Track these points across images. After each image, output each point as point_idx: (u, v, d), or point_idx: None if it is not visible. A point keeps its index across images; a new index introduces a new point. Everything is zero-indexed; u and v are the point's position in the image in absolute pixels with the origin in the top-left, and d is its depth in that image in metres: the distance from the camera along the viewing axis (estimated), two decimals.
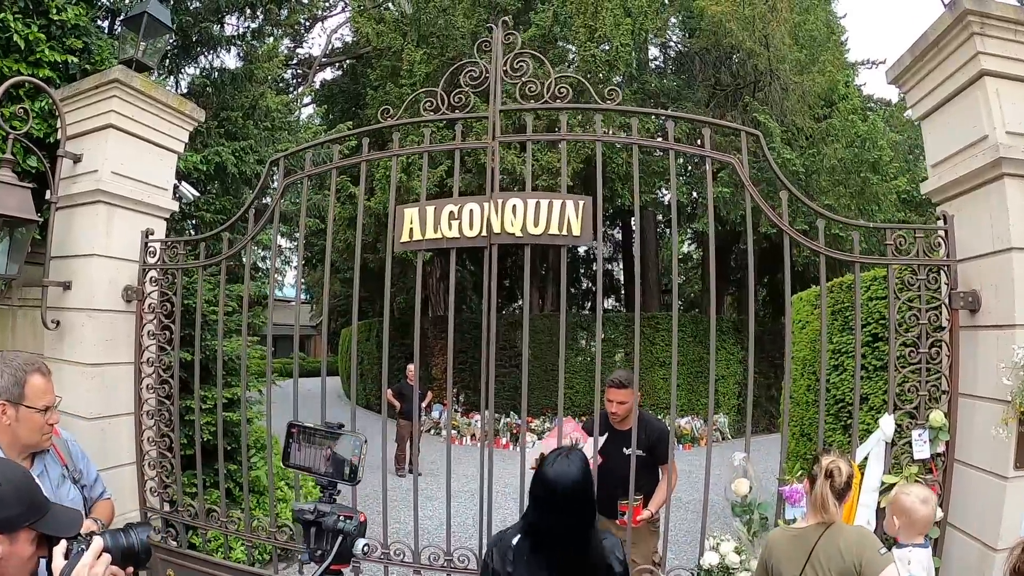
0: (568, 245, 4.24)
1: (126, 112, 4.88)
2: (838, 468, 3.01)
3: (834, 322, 5.78)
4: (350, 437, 2.43)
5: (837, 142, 14.95)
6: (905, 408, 3.86)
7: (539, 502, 2.68)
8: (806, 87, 15.73)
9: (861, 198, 14.70)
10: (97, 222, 4.86)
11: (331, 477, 2.43)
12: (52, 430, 2.78)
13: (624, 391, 4.76)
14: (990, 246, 3.61)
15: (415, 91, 14.49)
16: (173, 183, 5.46)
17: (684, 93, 17.11)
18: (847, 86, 18.12)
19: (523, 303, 4.47)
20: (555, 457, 2.71)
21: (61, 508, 2.03)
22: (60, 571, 1.77)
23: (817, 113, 16.56)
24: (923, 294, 3.84)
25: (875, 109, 18.51)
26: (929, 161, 4.19)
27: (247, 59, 9.53)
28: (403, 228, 4.28)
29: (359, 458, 2.39)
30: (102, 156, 4.85)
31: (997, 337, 3.55)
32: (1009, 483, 3.44)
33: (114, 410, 4.92)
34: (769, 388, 16.44)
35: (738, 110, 16.34)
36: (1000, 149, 3.51)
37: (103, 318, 4.87)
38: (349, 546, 2.31)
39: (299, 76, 21.25)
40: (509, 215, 4.05)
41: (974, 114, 3.71)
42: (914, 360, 3.86)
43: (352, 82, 21.56)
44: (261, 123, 9.20)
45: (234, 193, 8.76)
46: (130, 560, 2.04)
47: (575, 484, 2.61)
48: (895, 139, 16.04)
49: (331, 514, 2.32)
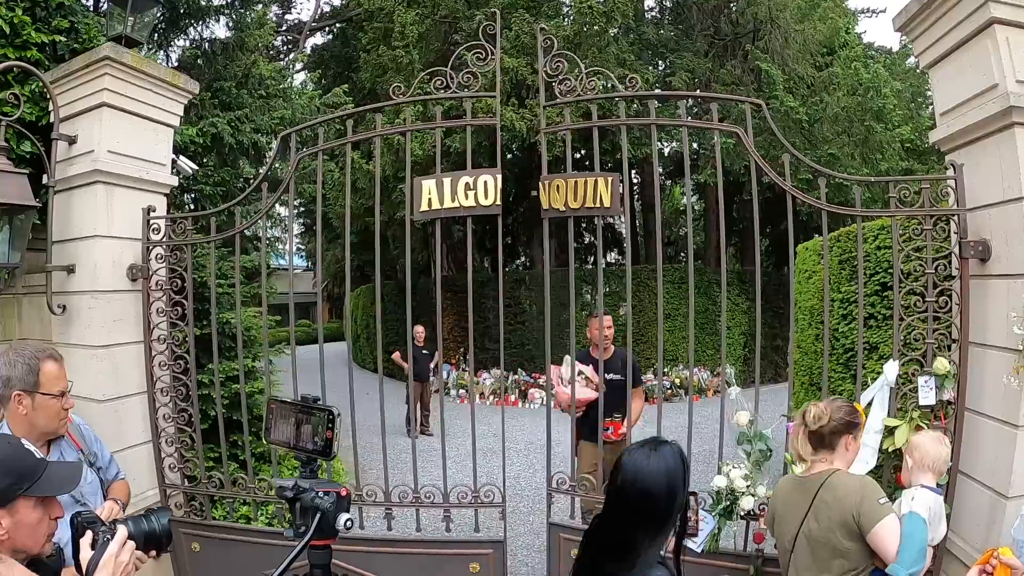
0: (601, 215, 4.77)
1: (119, 89, 4.79)
2: (810, 411, 3.05)
3: (842, 271, 5.77)
4: (323, 411, 2.40)
5: (840, 90, 14.82)
6: (912, 356, 3.91)
7: (608, 496, 2.33)
8: (807, 35, 15.56)
9: (865, 147, 14.60)
10: (97, 202, 4.80)
11: (308, 452, 2.42)
12: (67, 415, 2.80)
13: (608, 318, 5.65)
14: (1000, 195, 3.59)
15: (409, 53, 14.41)
16: (171, 158, 5.40)
17: (683, 43, 16.93)
18: (848, 33, 17.89)
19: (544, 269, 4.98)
20: (637, 447, 2.32)
21: (57, 465, 2.12)
22: (88, 561, 1.83)
23: (819, 62, 16.38)
24: (930, 244, 3.86)
25: (876, 58, 18.25)
26: (938, 110, 4.15)
27: (237, 28, 9.39)
28: (421, 198, 4.62)
29: (333, 432, 2.36)
30: (97, 135, 4.78)
31: (1008, 286, 3.54)
32: (1020, 431, 3.46)
33: (126, 391, 4.92)
34: (775, 338, 16.45)
35: (738, 59, 16.18)
36: (1011, 98, 3.45)
37: (109, 299, 4.83)
38: (331, 521, 2.26)
39: (289, 43, 21.01)
40: (555, 193, 4.60)
41: (984, 63, 3.64)
42: (921, 309, 3.89)
43: (343, 46, 21.37)
44: (255, 92, 9.10)
45: (232, 164, 8.70)
46: (153, 544, 2.17)
47: (650, 486, 2.20)
48: (897, 87, 15.87)
49: (309, 491, 2.28)
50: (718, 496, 4.13)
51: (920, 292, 3.91)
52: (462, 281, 8.62)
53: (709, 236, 20.35)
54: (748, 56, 15.55)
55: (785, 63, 15.34)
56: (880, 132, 14.53)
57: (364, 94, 16.29)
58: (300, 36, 20.71)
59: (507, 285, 17.65)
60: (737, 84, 15.43)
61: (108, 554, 1.83)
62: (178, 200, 7.90)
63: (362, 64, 16.71)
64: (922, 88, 16.40)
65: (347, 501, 2.35)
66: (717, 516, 4.11)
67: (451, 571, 4.70)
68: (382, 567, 4.67)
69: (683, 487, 2.25)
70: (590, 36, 14.02)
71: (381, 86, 15.41)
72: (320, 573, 2.38)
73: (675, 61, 16.50)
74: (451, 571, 4.70)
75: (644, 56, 16.75)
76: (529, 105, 14.03)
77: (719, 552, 4.25)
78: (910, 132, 15.47)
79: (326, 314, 30.23)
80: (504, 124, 13.25)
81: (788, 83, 15.19)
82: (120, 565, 1.85)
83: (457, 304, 17.05)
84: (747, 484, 4.04)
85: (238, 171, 8.69)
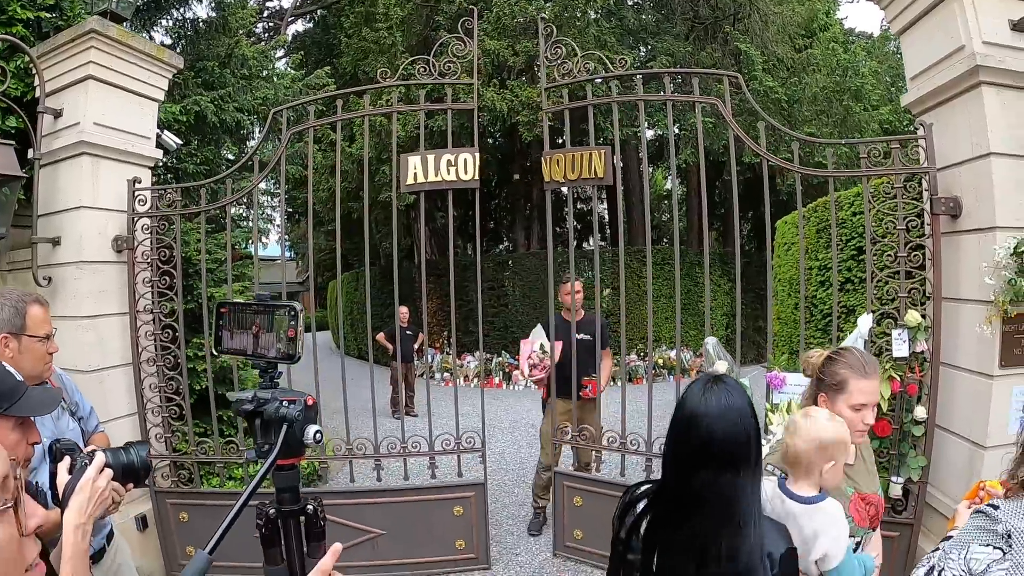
0: (596, 185, 5.21)
1: (105, 63, 4.83)
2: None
3: (819, 240, 5.89)
4: (284, 308, 2.12)
5: (818, 71, 14.92)
6: (886, 310, 4.06)
7: (681, 453, 1.83)
8: (786, 16, 15.65)
9: (843, 127, 14.71)
10: (82, 174, 4.84)
11: (271, 359, 2.15)
12: (51, 361, 2.81)
13: (579, 282, 5.93)
14: (969, 152, 3.71)
15: (391, 35, 14.40)
16: (155, 132, 5.43)
17: (663, 27, 16.94)
18: (828, 16, 18.01)
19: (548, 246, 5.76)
20: (703, 387, 1.84)
21: (37, 390, 2.06)
22: (65, 485, 1.84)
23: (798, 43, 16.48)
24: (901, 202, 4.01)
25: (857, 42, 18.40)
26: (908, 74, 4.27)
27: (219, 8, 9.35)
28: (407, 173, 5.10)
29: (296, 331, 2.08)
30: (83, 108, 4.81)
31: (979, 240, 3.67)
32: (995, 381, 3.59)
33: (111, 362, 4.97)
34: (756, 319, 16.58)
35: (718, 43, 16.24)
36: (977, 58, 3.59)
37: (94, 270, 4.87)
38: (298, 435, 1.99)
39: (271, 29, 20.88)
40: (555, 166, 5.14)
41: (951, 26, 3.76)
42: (893, 265, 4.03)
43: (324, 33, 21.25)
44: (238, 72, 9.06)
45: (215, 143, 8.69)
46: (130, 476, 2.12)
47: (738, 425, 1.77)
48: (876, 68, 16.02)
49: (272, 400, 2.01)
50: None
51: (893, 250, 4.03)
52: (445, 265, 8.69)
53: (691, 220, 20.45)
54: (728, 39, 15.62)
55: (764, 45, 15.43)
56: (859, 112, 14.67)
57: (346, 79, 16.22)
58: (282, 23, 20.62)
59: (490, 268, 17.74)
60: (717, 66, 15.47)
61: (85, 478, 1.83)
62: (162, 179, 7.89)
63: (344, 48, 16.62)
64: (901, 70, 16.52)
65: (315, 411, 2.12)
66: None
67: (438, 517, 5.15)
68: (372, 518, 5.10)
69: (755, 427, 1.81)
70: (571, 19, 14.06)
71: (363, 70, 15.42)
72: (288, 497, 2.10)
73: (656, 45, 16.53)
74: (438, 517, 5.15)
75: (625, 41, 16.76)
76: (510, 86, 14.09)
77: None
78: (889, 113, 15.63)
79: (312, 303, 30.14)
80: (485, 104, 13.50)
81: (767, 64, 15.29)
82: (97, 490, 1.84)
83: (441, 287, 17.04)
84: None
85: (221, 149, 8.68)
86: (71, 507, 1.78)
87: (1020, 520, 1.84)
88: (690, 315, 16.68)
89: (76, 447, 2.07)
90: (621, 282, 5.27)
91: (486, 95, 13.49)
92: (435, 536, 5.15)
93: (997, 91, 3.64)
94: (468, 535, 5.23)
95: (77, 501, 1.79)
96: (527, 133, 14.18)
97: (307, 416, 2.02)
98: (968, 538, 1.92)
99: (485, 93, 13.47)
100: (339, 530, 4.97)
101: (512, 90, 14.01)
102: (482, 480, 5.25)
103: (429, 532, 5.14)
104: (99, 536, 2.79)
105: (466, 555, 5.25)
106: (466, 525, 5.22)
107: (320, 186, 14.40)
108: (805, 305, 4.65)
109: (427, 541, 5.14)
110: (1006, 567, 1.82)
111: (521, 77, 14.86)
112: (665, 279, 16.41)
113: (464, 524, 5.21)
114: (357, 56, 15.82)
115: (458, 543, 5.21)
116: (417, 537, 5.12)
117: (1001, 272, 3.42)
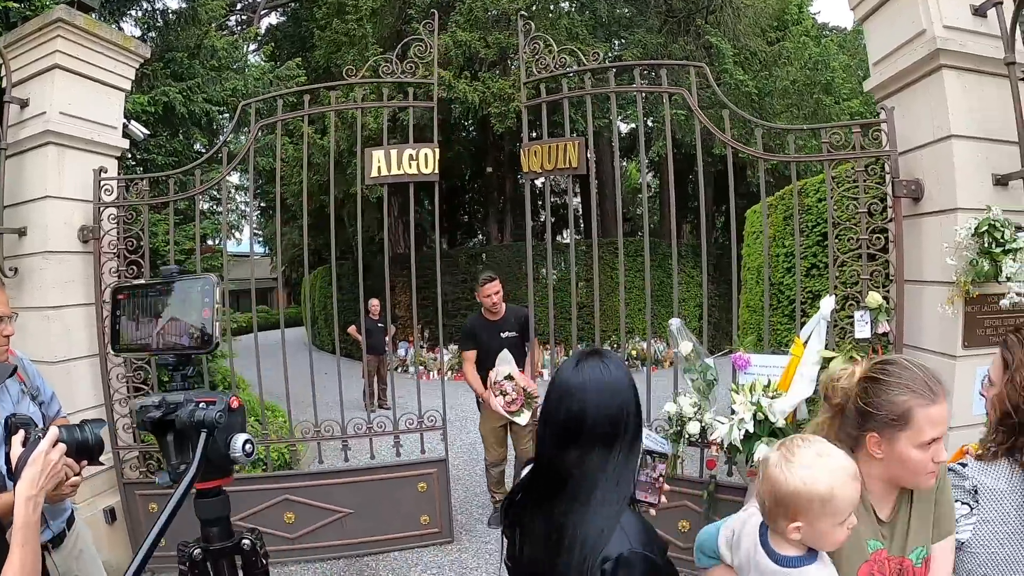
0: (571, 175, 5.37)
1: (71, 52, 4.79)
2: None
3: (786, 227, 5.94)
4: (198, 282, 1.74)
5: (790, 64, 15.04)
6: (848, 292, 4.14)
7: (553, 428, 1.68)
8: (758, 9, 15.75)
9: (814, 119, 14.81)
10: (48, 163, 4.79)
11: (182, 350, 1.75)
12: (8, 344, 2.76)
13: (497, 283, 5.97)
14: (930, 136, 3.77)
15: (362, 27, 14.35)
16: (122, 121, 5.39)
17: (636, 20, 17.00)
18: (800, 11, 18.16)
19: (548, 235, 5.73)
20: (577, 360, 1.71)
21: None
22: (18, 457, 1.81)
23: (770, 37, 16.61)
24: (862, 185, 4.08)
25: (830, 36, 18.58)
26: (871, 59, 4.34)
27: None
28: (371, 166, 5.30)
29: (212, 310, 1.69)
30: (49, 97, 4.77)
31: (940, 222, 3.73)
32: (958, 362, 3.65)
33: (78, 352, 4.93)
34: (729, 311, 16.64)
35: (691, 36, 16.31)
36: (938, 42, 3.65)
37: (60, 259, 4.84)
38: (222, 447, 1.63)
39: (244, 22, 20.76)
40: (533, 157, 5.27)
41: (912, 11, 3.82)
42: (856, 248, 4.10)
43: (296, 26, 21.13)
44: (207, 63, 9.01)
45: (184, 135, 8.64)
46: (84, 453, 2.04)
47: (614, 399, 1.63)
48: (848, 62, 16.17)
49: (186, 404, 1.63)
50: (670, 422, 4.43)
51: (856, 233, 4.11)
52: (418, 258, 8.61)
53: (663, 212, 20.54)
54: (700, 32, 15.70)
55: (736, 38, 15.53)
56: (829, 105, 14.80)
57: (319, 72, 16.15)
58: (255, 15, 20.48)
59: (463, 261, 17.78)
60: (689, 59, 15.55)
61: (38, 451, 1.80)
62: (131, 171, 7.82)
63: (316, 41, 16.53)
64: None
65: (241, 417, 1.73)
66: (671, 442, 4.36)
67: (403, 494, 5.40)
68: (340, 497, 5.28)
69: (632, 402, 1.66)
70: (543, 11, 14.10)
71: (335, 63, 15.35)
72: (217, 532, 1.73)
73: (628, 38, 16.59)
74: (403, 494, 5.40)
75: (598, 34, 16.80)
76: (482, 78, 14.08)
77: (678, 478, 4.58)
78: (860, 105, 15.78)
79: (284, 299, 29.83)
80: (457, 96, 13.51)
81: (739, 57, 15.38)
82: (49, 463, 1.81)
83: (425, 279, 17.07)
84: (695, 411, 4.29)
85: (191, 141, 8.62)
86: (23, 479, 1.76)
87: (987, 477, 1.90)
88: (662, 306, 16.74)
89: (31, 421, 2.04)
90: (595, 275, 5.38)
91: (458, 87, 13.50)
92: (401, 513, 5.39)
93: (958, 74, 3.70)
94: (432, 510, 5.49)
95: (29, 473, 1.77)
96: (499, 125, 14.17)
97: (232, 422, 1.66)
98: None
99: (457, 85, 13.49)
100: (309, 511, 5.22)
101: (484, 82, 14.00)
102: (443, 456, 5.49)
103: (395, 509, 5.37)
104: (58, 520, 2.75)
105: (431, 530, 5.52)
106: (430, 501, 5.46)
107: (292, 179, 14.34)
108: (772, 291, 4.71)
109: (393, 518, 5.37)
110: (973, 522, 1.88)
111: (493, 69, 14.86)
112: (638, 271, 16.46)
113: (428, 500, 5.46)
114: (330, 49, 15.77)
115: (423, 518, 5.47)
116: (384, 514, 5.34)
117: (963, 253, 3.47)
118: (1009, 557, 1.85)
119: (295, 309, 32.87)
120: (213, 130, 9.32)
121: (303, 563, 5.22)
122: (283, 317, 5.83)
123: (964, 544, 1.89)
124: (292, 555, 5.20)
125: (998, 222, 3.37)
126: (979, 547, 1.87)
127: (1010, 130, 3.62)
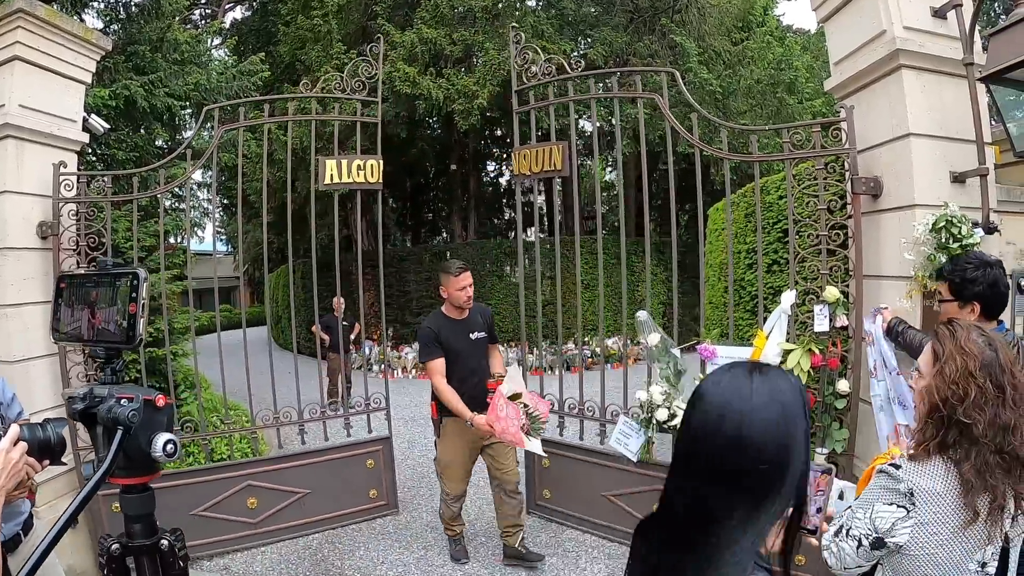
0: (555, 176, 5.70)
1: (31, 43, 4.71)
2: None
3: (748, 224, 6.02)
4: (125, 276, 1.69)
5: (754, 64, 15.21)
6: (808, 287, 4.22)
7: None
8: (723, 9, 15.89)
9: (777, 118, 14.98)
10: (6, 157, 4.70)
11: (108, 342, 1.71)
12: None
13: (469, 273, 4.94)
14: (889, 134, 3.85)
15: (328, 23, 14.27)
16: (82, 115, 5.31)
17: (602, 19, 17.04)
18: (765, 12, 18.36)
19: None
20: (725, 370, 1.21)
21: None
22: None
23: (735, 37, 16.78)
24: (822, 183, 4.16)
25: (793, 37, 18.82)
26: (832, 60, 4.42)
27: None
28: (324, 173, 5.71)
29: (138, 305, 1.65)
30: (8, 89, 4.68)
31: (899, 219, 3.81)
32: None
33: (36, 351, 4.85)
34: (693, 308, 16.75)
35: (656, 34, 16.40)
36: (898, 42, 3.73)
37: (19, 256, 4.76)
38: (142, 446, 1.59)
39: (208, 16, 20.51)
40: (522, 160, 5.68)
41: (872, 11, 3.90)
42: (815, 244, 4.18)
43: (262, 20, 20.91)
44: (170, 56, 8.89)
45: (146, 129, 8.53)
46: (46, 453, 1.96)
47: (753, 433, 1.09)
48: (811, 63, 16.40)
49: (109, 398, 1.59)
50: (642, 408, 4.66)
51: (815, 229, 4.19)
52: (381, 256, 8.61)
53: (628, 209, 20.67)
54: (665, 32, 15.79)
55: (701, 38, 15.66)
56: (792, 104, 14.98)
57: (283, 67, 16.03)
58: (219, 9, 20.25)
59: (428, 259, 17.72)
60: (654, 57, 15.63)
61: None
62: (91, 166, 7.71)
63: (281, 37, 16.41)
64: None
65: (167, 416, 1.70)
66: (642, 428, 4.63)
67: (354, 472, 5.96)
68: (299, 479, 5.71)
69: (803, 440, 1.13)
70: (508, 8, 14.11)
71: (299, 59, 15.24)
72: (139, 529, 1.70)
73: (593, 36, 16.64)
74: (354, 472, 5.96)
75: (564, 32, 16.83)
76: (447, 75, 14.03)
77: (652, 463, 4.84)
78: (822, 104, 15.98)
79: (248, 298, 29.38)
80: (421, 92, 13.52)
81: (704, 57, 15.51)
82: (10, 462, 1.74)
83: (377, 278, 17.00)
84: (664, 398, 4.54)
85: (152, 136, 8.52)
86: None
87: (922, 479, 1.90)
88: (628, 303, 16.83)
89: None
90: (557, 273, 6.03)
91: (422, 84, 13.45)
92: (353, 489, 5.96)
93: (917, 74, 3.79)
94: (379, 485, 6.12)
95: None
96: (463, 122, 14.14)
97: (152, 421, 1.62)
98: (872, 497, 1.98)
99: (421, 82, 13.45)
100: (270, 495, 5.57)
101: (449, 79, 13.96)
102: (388, 435, 6.08)
103: (348, 486, 5.91)
104: (12, 523, 2.69)
105: (378, 503, 6.14)
106: (377, 476, 6.08)
107: (255, 176, 14.20)
108: (734, 288, 4.81)
109: (346, 494, 5.92)
110: (910, 524, 1.90)
111: (459, 66, 14.83)
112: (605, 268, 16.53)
113: (375, 475, 6.07)
114: (295, 44, 15.66)
115: (371, 492, 6.09)
116: (337, 492, 5.86)
117: (920, 248, 3.54)
118: (949, 559, 1.87)
119: (258, 308, 32.52)
120: (175, 125, 9.22)
121: (266, 545, 5.54)
122: (244, 316, 6.13)
123: (903, 547, 1.91)
124: (255, 539, 5.51)
125: (955, 218, 3.44)
126: (918, 550, 1.89)
127: (967, 129, 3.74)
